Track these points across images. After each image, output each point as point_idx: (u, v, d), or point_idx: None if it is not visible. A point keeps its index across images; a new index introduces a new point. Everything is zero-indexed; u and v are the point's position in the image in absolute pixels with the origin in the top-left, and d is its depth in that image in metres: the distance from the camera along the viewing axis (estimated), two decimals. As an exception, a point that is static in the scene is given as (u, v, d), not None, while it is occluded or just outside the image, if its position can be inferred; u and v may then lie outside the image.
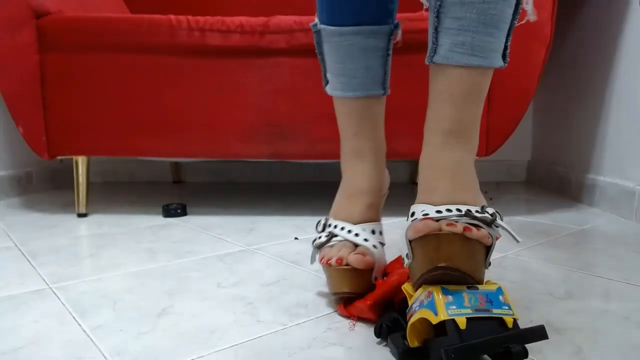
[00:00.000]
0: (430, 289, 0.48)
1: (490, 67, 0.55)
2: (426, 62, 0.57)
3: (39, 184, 1.70)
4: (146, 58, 1.18)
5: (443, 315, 0.45)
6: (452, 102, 0.55)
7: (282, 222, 1.18)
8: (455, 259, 0.48)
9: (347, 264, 0.62)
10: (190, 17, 1.17)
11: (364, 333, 0.58)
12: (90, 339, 0.58)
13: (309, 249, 0.94)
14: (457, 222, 0.49)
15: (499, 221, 0.51)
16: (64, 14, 1.22)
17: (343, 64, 0.68)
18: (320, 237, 0.68)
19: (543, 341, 0.48)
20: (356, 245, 0.65)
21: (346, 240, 0.66)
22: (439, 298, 0.46)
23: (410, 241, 0.50)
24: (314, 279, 0.77)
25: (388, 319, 0.55)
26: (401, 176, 1.86)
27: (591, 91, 1.37)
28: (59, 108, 1.21)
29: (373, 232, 0.67)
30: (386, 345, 0.54)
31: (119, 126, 1.21)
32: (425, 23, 0.62)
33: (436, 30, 0.55)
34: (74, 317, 0.64)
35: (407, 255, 0.51)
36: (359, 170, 0.70)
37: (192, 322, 0.62)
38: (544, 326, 0.46)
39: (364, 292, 0.61)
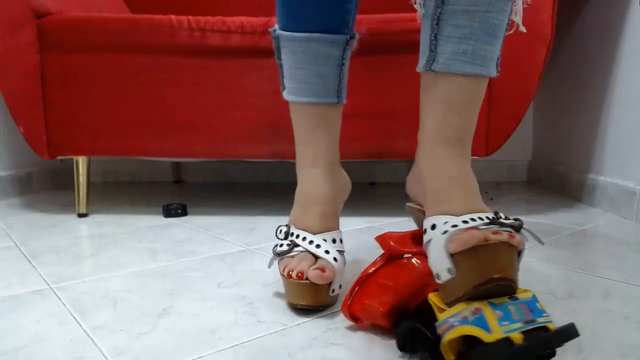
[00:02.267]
0: (477, 305, 0.46)
1: (488, 76, 0.56)
2: (422, 70, 0.56)
3: (39, 184, 1.70)
4: (146, 58, 1.18)
5: (498, 334, 0.44)
6: (454, 111, 0.55)
7: (282, 222, 1.18)
8: (506, 269, 0.46)
9: (307, 278, 0.62)
10: (190, 18, 1.17)
11: (364, 333, 0.58)
12: (91, 339, 0.58)
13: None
14: (495, 230, 0.48)
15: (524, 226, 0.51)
16: (64, 14, 1.22)
17: (297, 69, 0.69)
18: (282, 245, 0.68)
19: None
20: (316, 258, 0.65)
21: (307, 251, 0.66)
22: (491, 315, 0.45)
23: (452, 255, 0.47)
24: (315, 279, 0.77)
25: (407, 328, 0.52)
26: (401, 176, 1.86)
27: (592, 91, 1.37)
28: (59, 108, 1.21)
29: (334, 241, 0.68)
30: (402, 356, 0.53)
31: (120, 126, 1.21)
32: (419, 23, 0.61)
33: (435, 37, 0.54)
34: (74, 317, 0.64)
35: (448, 270, 0.47)
36: (311, 179, 0.71)
37: (192, 322, 0.62)
38: (574, 324, 0.46)
39: (321, 306, 0.64)
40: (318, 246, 0.66)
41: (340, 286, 0.66)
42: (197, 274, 0.81)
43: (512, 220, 0.50)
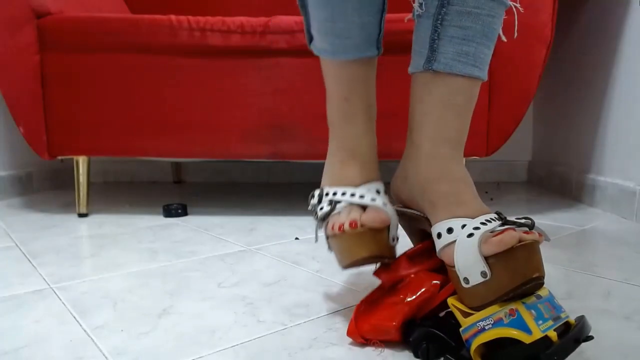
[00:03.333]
0: (512, 306, 0.46)
1: (483, 79, 0.56)
2: (421, 69, 0.56)
3: (39, 184, 1.70)
4: (147, 58, 1.18)
5: (538, 334, 0.44)
6: (454, 112, 0.55)
7: (282, 222, 1.18)
8: (541, 268, 0.47)
9: (362, 225, 0.55)
10: (190, 17, 1.17)
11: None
12: (91, 339, 0.58)
13: (309, 248, 0.95)
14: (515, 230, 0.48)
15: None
16: (64, 14, 1.22)
17: (334, 22, 0.59)
18: (321, 208, 0.61)
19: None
20: (364, 208, 0.58)
21: (351, 204, 0.59)
22: (528, 315, 0.45)
23: (487, 257, 0.47)
24: (315, 279, 0.78)
25: (424, 335, 0.52)
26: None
27: (591, 91, 1.37)
28: (59, 108, 1.21)
29: (378, 191, 0.61)
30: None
31: (120, 126, 1.21)
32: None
33: (438, 37, 0.54)
34: (74, 317, 0.64)
35: (482, 273, 0.47)
36: (351, 134, 0.64)
37: (192, 322, 0.62)
38: (584, 316, 0.48)
39: (384, 256, 0.57)
40: (362, 196, 0.59)
41: (397, 238, 0.60)
42: (197, 274, 0.81)
43: (524, 220, 0.50)
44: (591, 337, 0.47)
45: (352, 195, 0.60)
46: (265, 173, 1.92)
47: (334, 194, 0.61)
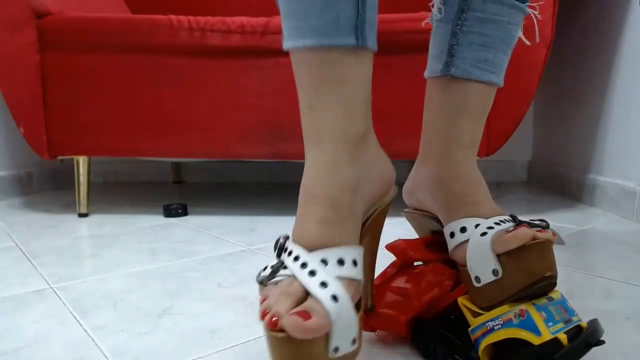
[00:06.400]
0: (522, 306, 0.46)
1: (500, 85, 0.57)
2: (439, 74, 0.56)
3: (39, 184, 1.70)
4: (147, 58, 1.18)
5: (547, 335, 0.44)
6: (471, 117, 0.55)
7: (283, 222, 1.18)
8: (553, 267, 0.47)
9: (282, 330, 0.38)
10: (190, 18, 1.17)
11: (365, 333, 0.58)
12: (92, 339, 0.58)
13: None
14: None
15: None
16: (64, 14, 1.22)
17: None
18: (265, 268, 0.45)
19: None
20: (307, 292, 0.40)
21: (294, 277, 0.41)
22: (538, 316, 0.45)
23: (499, 255, 0.46)
24: (315, 279, 0.77)
25: (433, 335, 0.52)
26: (401, 176, 1.86)
27: (592, 91, 1.37)
28: (59, 108, 1.21)
29: (341, 262, 0.42)
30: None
31: (120, 126, 1.21)
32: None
33: (457, 43, 0.54)
34: (75, 317, 0.64)
35: (493, 271, 0.46)
36: (313, 165, 0.47)
37: (193, 322, 0.62)
38: (596, 319, 0.48)
39: None
40: (312, 273, 0.41)
41: (354, 340, 0.40)
42: (198, 274, 0.81)
43: (538, 221, 0.50)
44: (602, 342, 0.47)
45: (303, 265, 0.41)
46: (265, 173, 1.92)
47: (289, 252, 0.44)
